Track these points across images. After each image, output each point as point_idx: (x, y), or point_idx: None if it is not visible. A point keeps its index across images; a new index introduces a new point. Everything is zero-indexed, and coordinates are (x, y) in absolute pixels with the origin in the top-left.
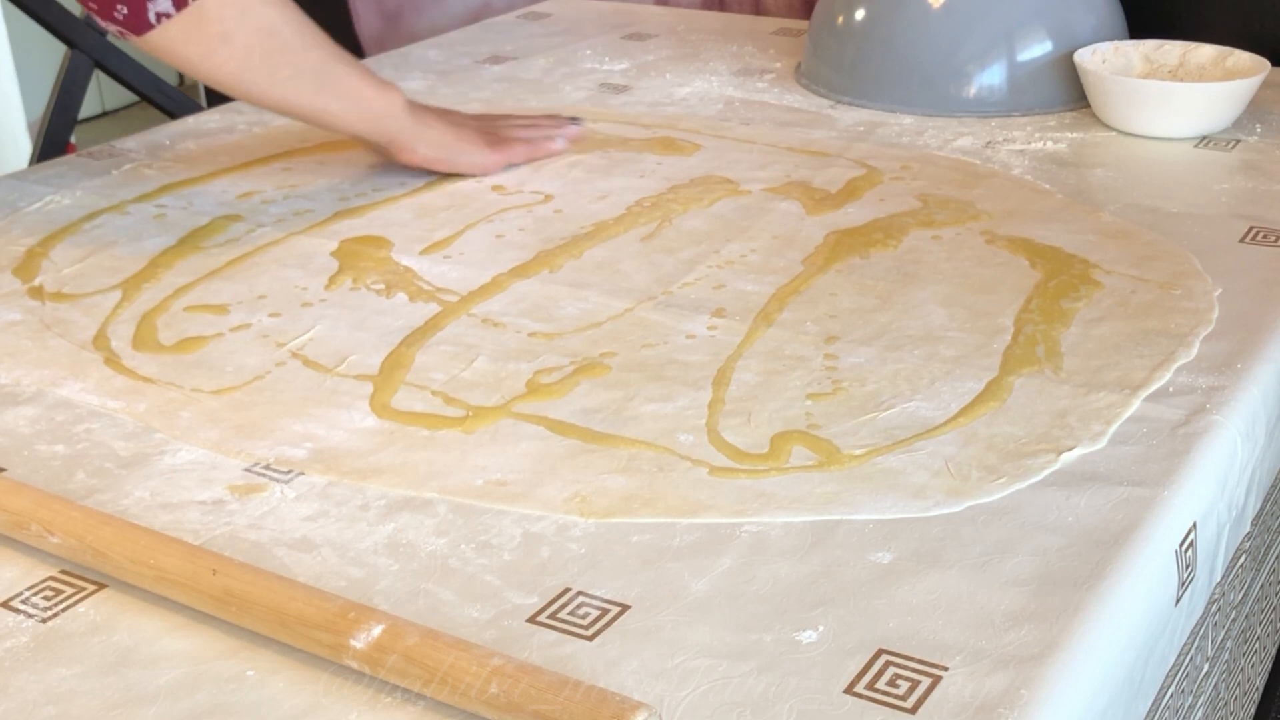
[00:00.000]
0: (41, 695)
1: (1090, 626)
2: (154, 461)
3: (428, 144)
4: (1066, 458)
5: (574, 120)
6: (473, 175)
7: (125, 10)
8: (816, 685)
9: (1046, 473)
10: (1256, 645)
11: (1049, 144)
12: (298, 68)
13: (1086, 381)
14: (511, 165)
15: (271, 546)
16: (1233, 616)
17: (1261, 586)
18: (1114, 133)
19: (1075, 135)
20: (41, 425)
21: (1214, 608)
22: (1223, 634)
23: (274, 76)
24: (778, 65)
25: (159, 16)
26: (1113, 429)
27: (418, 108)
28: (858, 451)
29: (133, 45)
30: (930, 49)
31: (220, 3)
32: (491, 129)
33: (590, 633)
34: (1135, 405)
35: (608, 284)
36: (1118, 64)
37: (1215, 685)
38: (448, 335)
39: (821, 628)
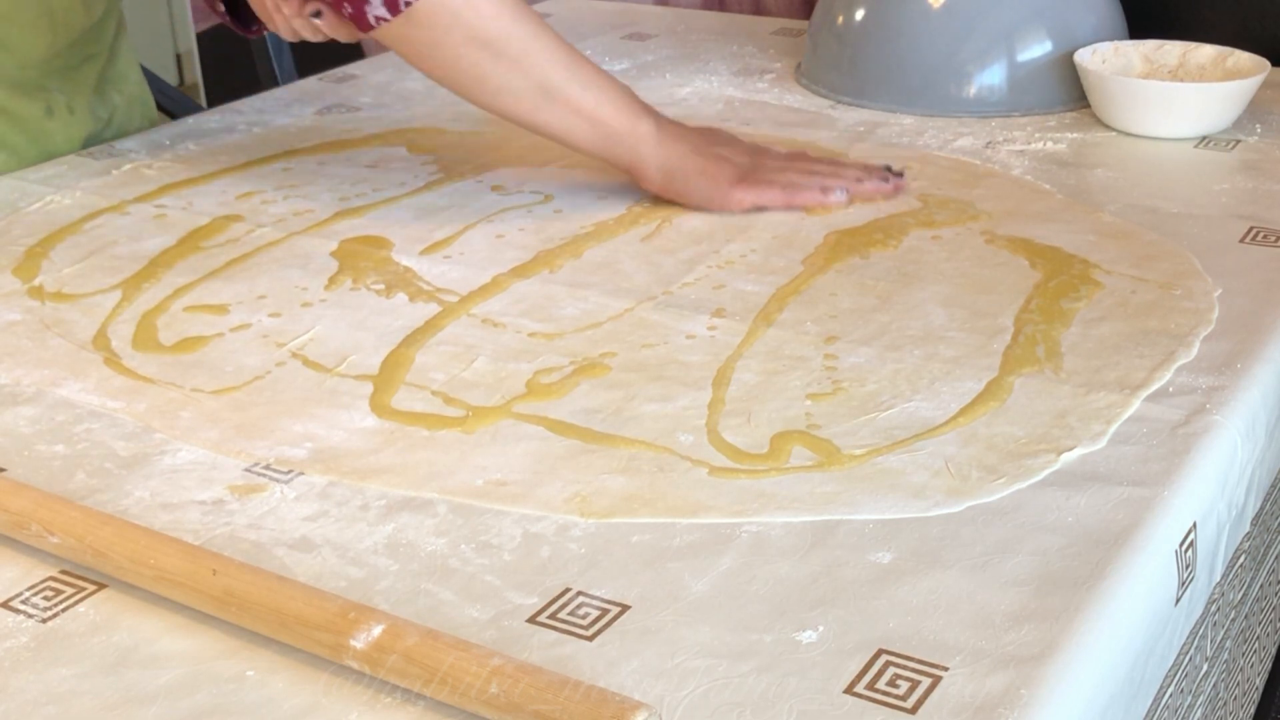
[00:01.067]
0: (41, 695)
1: (1090, 626)
2: (154, 461)
3: (665, 175)
4: (1066, 458)
5: (893, 173)
6: (710, 211)
7: (350, 9)
8: (816, 685)
9: (1046, 473)
10: (1256, 645)
11: (1049, 144)
12: (510, 82)
13: (1086, 381)
14: (758, 208)
15: (271, 546)
16: (1232, 616)
17: (1261, 586)
18: (1114, 133)
19: (1075, 135)
20: (41, 425)
21: (1213, 608)
22: (1222, 634)
23: (484, 88)
24: (778, 65)
25: (377, 20)
26: (1113, 429)
27: (671, 135)
28: (858, 451)
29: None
30: (930, 49)
31: (432, 10)
32: (755, 166)
33: (590, 633)
34: (1135, 405)
35: (608, 284)
36: (1118, 64)
37: (1215, 685)
38: (448, 335)
39: (821, 628)
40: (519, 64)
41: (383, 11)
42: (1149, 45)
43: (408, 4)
